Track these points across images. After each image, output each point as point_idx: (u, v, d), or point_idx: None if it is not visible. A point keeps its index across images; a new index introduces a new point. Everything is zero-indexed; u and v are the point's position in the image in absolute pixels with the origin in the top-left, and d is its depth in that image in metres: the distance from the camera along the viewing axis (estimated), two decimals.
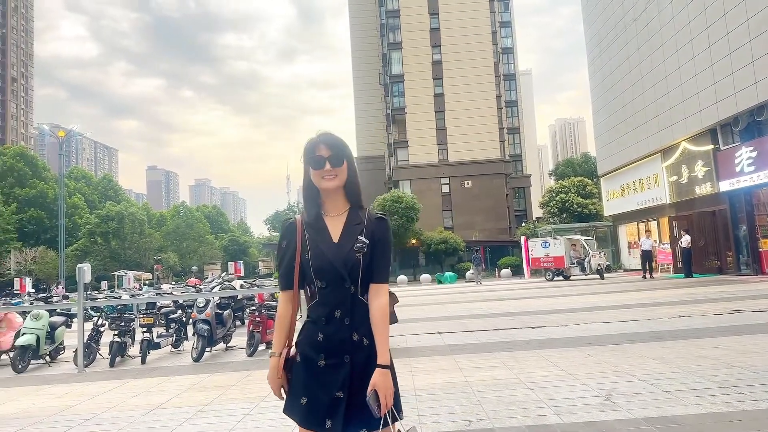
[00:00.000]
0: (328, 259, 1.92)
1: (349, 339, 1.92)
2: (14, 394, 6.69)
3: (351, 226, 1.99)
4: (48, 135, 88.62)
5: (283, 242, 2.04)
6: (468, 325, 10.14)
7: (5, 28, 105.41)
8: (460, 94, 51.15)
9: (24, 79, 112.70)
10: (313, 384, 1.90)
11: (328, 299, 1.93)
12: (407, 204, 41.74)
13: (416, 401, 4.82)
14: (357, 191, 2.06)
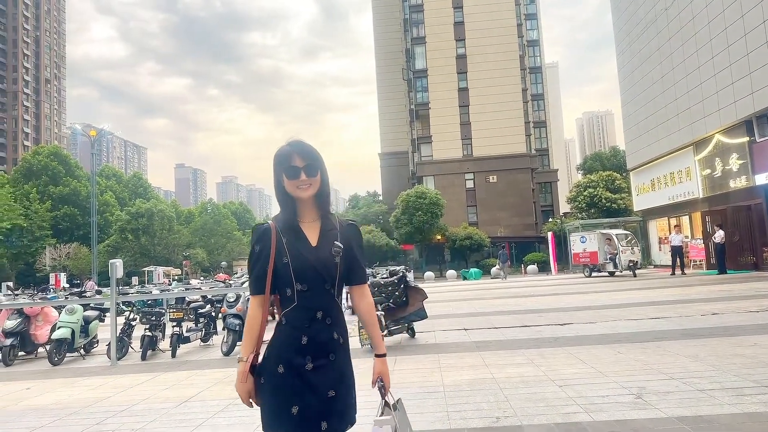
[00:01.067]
0: (309, 263, 1.96)
1: (331, 338, 1.98)
2: (51, 385, 6.91)
3: (326, 231, 2.06)
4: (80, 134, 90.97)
5: (256, 246, 2.04)
6: (494, 321, 10.06)
7: (39, 31, 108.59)
8: (484, 88, 50.62)
9: (57, 80, 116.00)
10: (304, 389, 1.90)
11: (310, 301, 1.96)
12: (431, 200, 41.59)
13: (444, 397, 4.81)
14: (327, 199, 2.13)
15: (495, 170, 49.72)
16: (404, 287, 7.97)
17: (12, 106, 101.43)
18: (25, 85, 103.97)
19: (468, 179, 50.52)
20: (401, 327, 7.97)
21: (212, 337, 9.98)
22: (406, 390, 5.17)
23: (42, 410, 5.50)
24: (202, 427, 4.45)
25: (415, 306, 8.05)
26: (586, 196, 42.67)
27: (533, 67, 60.69)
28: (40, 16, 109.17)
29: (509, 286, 22.55)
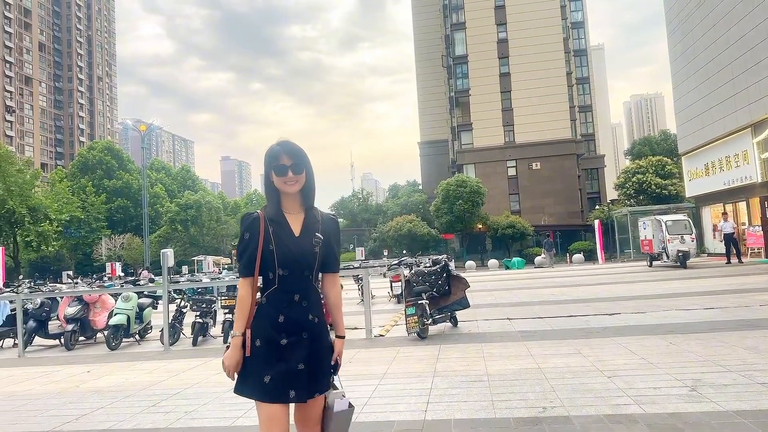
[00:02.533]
0: (291, 251, 2.21)
1: (306, 319, 2.22)
2: (110, 369, 7.28)
3: (309, 224, 2.29)
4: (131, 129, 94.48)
5: (246, 234, 2.28)
6: (538, 311, 9.90)
7: (90, 31, 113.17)
8: (527, 73, 49.37)
9: (108, 78, 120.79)
10: (277, 361, 2.15)
11: (290, 285, 2.22)
12: (472, 188, 41.09)
13: (489, 386, 4.78)
14: (312, 194, 2.35)
15: (538, 157, 48.56)
16: (447, 276, 7.94)
17: (68, 104, 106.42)
18: (80, 84, 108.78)
19: (510, 166, 49.58)
20: (444, 316, 7.96)
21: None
22: (451, 378, 5.17)
23: (102, 392, 5.81)
24: (253, 411, 4.59)
25: (458, 295, 8.01)
26: (634, 183, 41.16)
27: (578, 50, 58.71)
28: (91, 17, 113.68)
29: (554, 275, 22.10)
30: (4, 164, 41.64)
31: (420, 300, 7.44)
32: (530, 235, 43.04)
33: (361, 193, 74.44)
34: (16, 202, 41.58)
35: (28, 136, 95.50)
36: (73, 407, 5.20)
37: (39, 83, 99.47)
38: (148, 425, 4.41)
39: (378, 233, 50.95)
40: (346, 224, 70.20)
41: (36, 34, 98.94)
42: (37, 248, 45.81)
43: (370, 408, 4.37)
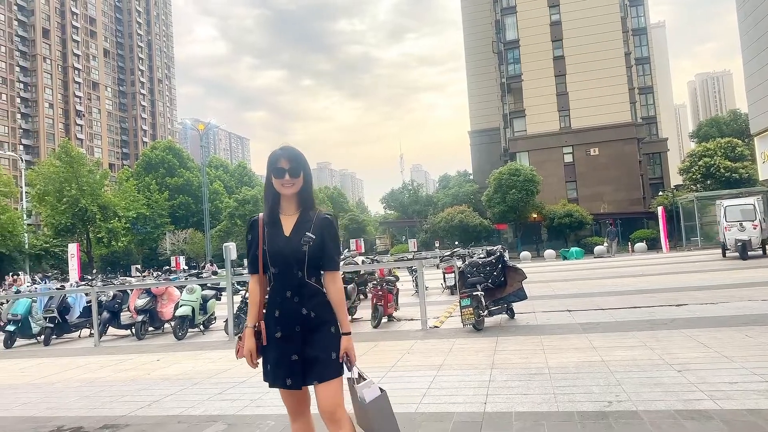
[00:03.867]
0: (280, 251, 2.38)
1: (299, 313, 2.36)
2: (177, 357, 7.64)
3: (301, 224, 2.42)
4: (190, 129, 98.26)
5: (248, 236, 2.50)
6: (600, 302, 9.56)
7: (150, 35, 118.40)
8: (582, 55, 47.47)
9: (167, 80, 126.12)
10: (274, 352, 2.38)
11: (281, 283, 2.39)
12: (526, 177, 40.07)
13: (550, 380, 4.66)
14: (308, 197, 2.47)
15: (596, 142, 46.68)
16: (502, 267, 7.79)
17: (131, 107, 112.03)
18: (141, 86, 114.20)
19: (566, 153, 47.93)
20: (500, 307, 7.82)
21: None
22: (509, 371, 5.08)
23: (171, 380, 6.10)
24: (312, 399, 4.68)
25: (515, 286, 7.85)
26: (701, 166, 38.91)
27: (636, 29, 55.86)
28: (150, 22, 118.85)
29: (615, 265, 21.29)
30: (77, 166, 44.43)
31: (475, 291, 7.35)
32: (588, 224, 41.59)
33: (411, 184, 74.17)
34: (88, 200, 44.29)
35: (97, 138, 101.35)
36: (146, 394, 5.49)
37: (105, 88, 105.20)
38: (216, 412, 4.59)
39: (429, 225, 50.71)
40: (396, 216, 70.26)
41: (101, 41, 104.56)
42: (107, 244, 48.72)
43: (429, 399, 4.36)
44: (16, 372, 7.57)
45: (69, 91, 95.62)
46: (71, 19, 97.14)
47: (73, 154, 45.08)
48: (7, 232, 41.79)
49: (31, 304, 10.78)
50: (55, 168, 44.48)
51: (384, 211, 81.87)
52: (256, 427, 4.11)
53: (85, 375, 6.84)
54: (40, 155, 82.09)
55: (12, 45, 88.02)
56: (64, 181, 43.64)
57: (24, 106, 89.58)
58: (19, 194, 49.48)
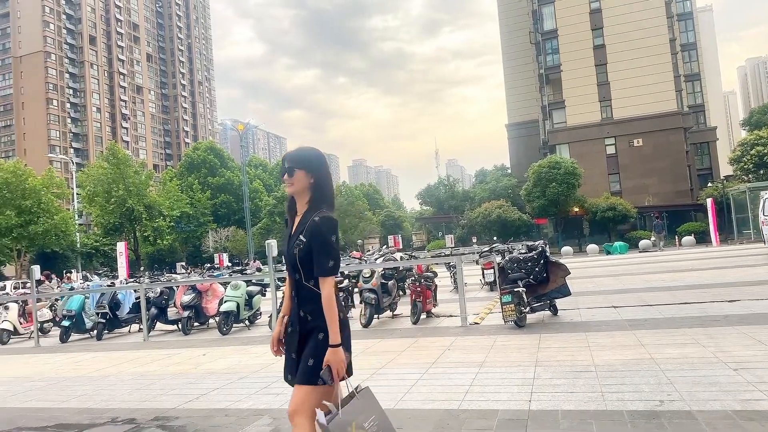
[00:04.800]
0: (285, 251, 2.48)
1: (297, 314, 2.43)
2: (223, 352, 7.83)
3: (299, 225, 2.44)
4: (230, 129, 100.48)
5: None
6: (647, 298, 9.24)
7: (190, 39, 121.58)
8: (624, 43, 45.91)
9: (207, 82, 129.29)
10: (285, 347, 2.54)
11: (289, 282, 2.50)
12: (566, 169, 39.12)
13: (597, 377, 4.54)
14: (317, 196, 2.45)
15: (640, 133, 45.09)
16: (544, 262, 7.63)
17: (174, 109, 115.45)
18: (183, 89, 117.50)
19: (608, 144, 46.51)
20: (543, 304, 7.67)
21: (351, 309, 10.53)
22: (554, 368, 4.97)
23: (217, 374, 6.26)
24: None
25: (557, 282, 7.67)
26: (753, 156, 37.08)
27: (682, 14, 53.59)
28: (190, 26, 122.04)
29: (662, 259, 20.57)
30: (123, 167, 46.16)
31: (516, 287, 7.23)
32: (633, 218, 40.32)
33: (447, 180, 73.67)
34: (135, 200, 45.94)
35: (142, 140, 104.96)
36: (193, 387, 5.66)
37: (148, 91, 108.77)
38: (262, 406, 4.68)
39: (466, 220, 50.25)
40: (432, 212, 69.94)
41: (144, 46, 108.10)
42: (153, 242, 50.45)
43: (471, 396, 4.32)
44: (71, 365, 7.94)
45: (115, 95, 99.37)
46: (116, 26, 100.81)
47: (119, 156, 46.86)
48: (61, 231, 43.84)
49: (84, 300, 11.27)
50: (103, 170, 46.34)
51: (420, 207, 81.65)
52: None
53: (135, 369, 7.11)
54: (89, 158, 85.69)
55: (62, 53, 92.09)
56: (112, 182, 45.42)
57: (73, 111, 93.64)
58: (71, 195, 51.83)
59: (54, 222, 42.79)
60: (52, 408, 5.29)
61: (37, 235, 41.79)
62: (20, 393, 6.14)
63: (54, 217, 43.11)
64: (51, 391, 6.11)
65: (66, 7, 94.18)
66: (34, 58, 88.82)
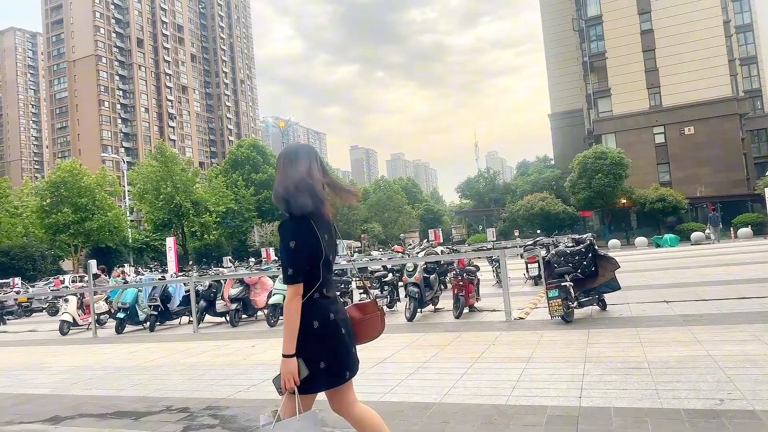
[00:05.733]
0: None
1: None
2: (271, 344, 8.00)
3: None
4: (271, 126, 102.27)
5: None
6: (702, 293, 8.86)
7: (232, 38, 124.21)
8: (674, 27, 43.96)
9: (249, 80, 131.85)
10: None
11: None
12: (613, 160, 37.92)
13: (650, 374, 4.39)
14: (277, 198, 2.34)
15: (691, 120, 43.18)
16: (593, 256, 7.41)
17: (217, 107, 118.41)
18: (226, 88, 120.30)
19: (657, 133, 44.75)
20: (591, 299, 7.46)
21: (396, 303, 10.56)
22: (605, 364, 4.84)
23: (267, 364, 6.41)
24: (399, 387, 4.74)
25: (606, 276, 7.44)
26: None
27: None
28: (231, 25, 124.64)
29: (717, 252, 19.67)
30: (171, 165, 47.74)
31: (563, 282, 7.06)
32: (684, 209, 38.73)
33: (487, 172, 72.70)
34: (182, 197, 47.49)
35: (187, 138, 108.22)
36: (243, 378, 5.81)
37: (193, 91, 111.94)
38: None
39: (507, 213, 49.51)
40: (472, 205, 69.24)
41: (188, 46, 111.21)
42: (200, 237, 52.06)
43: (519, 391, 4.26)
44: (126, 355, 8.30)
45: (161, 95, 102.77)
46: (161, 29, 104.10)
47: (167, 154, 48.49)
48: (114, 227, 45.88)
49: (137, 293, 11.75)
50: (152, 168, 48.07)
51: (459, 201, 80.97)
52: None
53: (187, 359, 7.36)
54: (139, 156, 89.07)
55: (112, 56, 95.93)
56: (161, 179, 47.06)
57: (123, 112, 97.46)
58: (123, 193, 54.08)
59: (107, 218, 44.80)
60: (110, 396, 5.55)
61: (92, 231, 43.86)
62: (81, 381, 6.47)
63: (107, 214, 45.14)
64: (109, 380, 6.41)
65: (115, 12, 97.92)
66: (87, 61, 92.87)
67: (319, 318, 2.30)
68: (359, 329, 2.51)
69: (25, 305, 20.73)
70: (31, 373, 7.37)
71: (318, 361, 2.27)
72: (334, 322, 2.34)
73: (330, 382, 2.34)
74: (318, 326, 2.29)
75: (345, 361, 2.36)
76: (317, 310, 2.31)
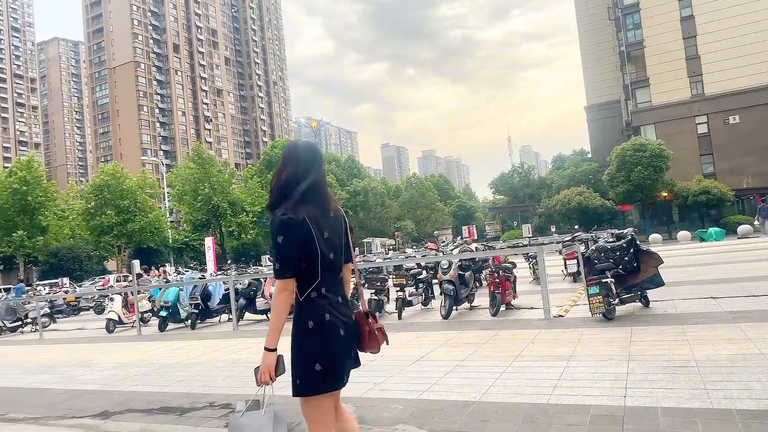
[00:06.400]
0: None
1: None
2: None
3: None
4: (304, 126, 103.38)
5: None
6: (751, 288, 8.49)
7: (264, 41, 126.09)
8: (717, 12, 42.21)
9: (281, 82, 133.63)
10: None
11: None
12: (653, 151, 36.76)
13: (699, 373, 4.23)
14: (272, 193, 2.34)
15: (737, 108, 41.35)
16: (635, 251, 7.20)
17: (251, 109, 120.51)
18: (259, 90, 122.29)
19: (700, 123, 43.08)
20: (633, 295, 7.25)
21: (431, 301, 10.52)
22: (649, 363, 4.69)
23: None
24: (438, 385, 4.72)
25: (649, 272, 7.22)
26: None
27: None
28: (263, 28, 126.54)
29: (766, 246, 18.81)
30: (208, 167, 48.89)
31: (604, 278, 6.88)
32: (729, 202, 37.20)
33: (521, 167, 71.51)
34: (219, 198, 48.58)
35: (223, 140, 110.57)
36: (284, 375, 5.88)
37: (227, 93, 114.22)
38: (343, 394, 4.75)
39: (543, 208, 48.64)
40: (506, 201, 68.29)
41: (222, 50, 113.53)
42: (237, 236, 53.11)
43: (560, 390, 4.17)
44: (169, 352, 8.54)
45: (197, 99, 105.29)
46: (196, 33, 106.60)
47: (204, 156, 49.70)
48: (155, 228, 47.35)
49: (178, 292, 12.08)
50: (190, 170, 49.36)
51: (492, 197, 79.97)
52: (383, 410, 4.22)
53: (227, 356, 7.52)
54: (177, 159, 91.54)
55: (149, 62, 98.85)
56: (198, 181, 48.26)
57: (162, 116, 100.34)
58: (162, 195, 55.69)
59: (148, 220, 46.28)
60: (156, 392, 5.72)
61: (135, 232, 45.39)
62: (128, 378, 6.70)
63: (148, 215, 46.62)
64: (154, 377, 6.61)
65: (152, 19, 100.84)
66: (126, 68, 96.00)
67: (314, 318, 2.24)
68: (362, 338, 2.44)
69: (73, 304, 21.66)
70: (81, 370, 7.68)
71: (313, 362, 2.21)
72: (330, 323, 2.25)
73: (325, 387, 2.25)
74: (312, 326, 2.23)
75: (343, 365, 2.28)
76: (312, 310, 2.25)
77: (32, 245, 42.00)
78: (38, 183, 43.26)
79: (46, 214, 43.79)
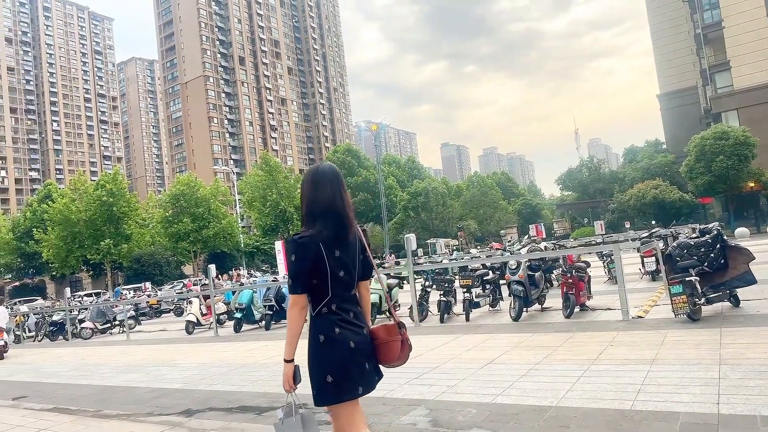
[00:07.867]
0: None
1: None
2: None
3: None
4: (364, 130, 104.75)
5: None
6: None
7: (324, 48, 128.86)
8: None
9: (342, 88, 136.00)
10: None
11: None
12: (736, 139, 34.19)
13: None
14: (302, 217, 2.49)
15: None
16: (721, 247, 6.70)
17: (313, 116, 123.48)
18: (320, 97, 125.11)
19: None
20: (721, 294, 6.75)
21: (498, 303, 10.30)
22: (745, 367, 4.35)
23: None
24: (511, 389, 4.60)
25: (738, 269, 6.69)
26: None
27: None
28: (323, 35, 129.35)
29: None
30: (275, 174, 50.62)
31: (687, 277, 6.45)
32: None
33: (591, 161, 68.63)
34: (286, 203, 50.14)
35: (288, 148, 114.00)
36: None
37: (291, 102, 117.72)
38: (416, 396, 4.77)
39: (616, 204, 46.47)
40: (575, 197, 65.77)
41: (284, 60, 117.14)
42: None
43: (645, 396, 3.95)
44: (245, 352, 8.88)
45: (263, 109, 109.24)
46: (260, 45, 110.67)
47: (271, 163, 51.54)
48: (228, 234, 49.58)
49: (252, 294, 12.54)
50: (258, 177, 51.31)
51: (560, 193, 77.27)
52: (458, 413, 4.16)
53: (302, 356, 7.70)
54: (246, 167, 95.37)
55: (218, 75, 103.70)
56: (266, 187, 50.07)
57: (230, 126, 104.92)
58: (234, 202, 58.18)
59: (221, 226, 48.53)
60: (234, 391, 5.96)
61: (209, 238, 47.76)
62: (207, 377, 7.02)
63: (221, 222, 48.90)
64: (232, 376, 6.90)
65: (219, 34, 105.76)
66: (196, 82, 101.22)
67: (324, 332, 2.37)
68: (382, 350, 2.50)
69: (155, 307, 23.07)
70: (165, 369, 8.15)
71: (325, 374, 2.35)
72: (340, 336, 2.36)
73: (338, 397, 2.37)
74: (323, 340, 2.37)
75: (355, 376, 2.38)
76: (322, 324, 2.38)
77: (118, 252, 45.23)
78: (122, 194, 46.56)
79: (130, 223, 47.06)
